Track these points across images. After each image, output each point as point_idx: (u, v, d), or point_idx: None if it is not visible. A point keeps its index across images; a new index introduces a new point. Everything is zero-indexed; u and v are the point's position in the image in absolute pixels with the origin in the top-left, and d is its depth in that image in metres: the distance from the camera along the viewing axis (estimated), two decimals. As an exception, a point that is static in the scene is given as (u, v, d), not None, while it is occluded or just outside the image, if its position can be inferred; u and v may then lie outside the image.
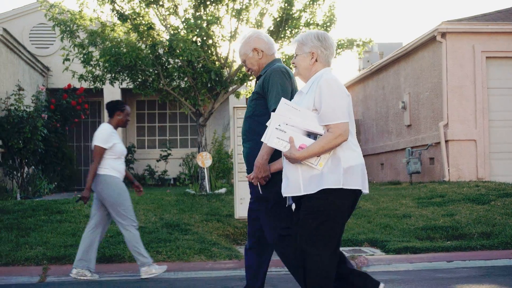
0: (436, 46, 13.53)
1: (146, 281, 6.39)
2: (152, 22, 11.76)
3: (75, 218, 9.02)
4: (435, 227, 8.61)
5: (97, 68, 11.70)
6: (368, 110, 18.22)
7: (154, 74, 11.77)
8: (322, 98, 3.68)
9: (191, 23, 10.86)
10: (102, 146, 6.44)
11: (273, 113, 3.77)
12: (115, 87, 13.54)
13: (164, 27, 12.00)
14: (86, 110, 16.12)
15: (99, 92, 14.37)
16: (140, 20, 11.68)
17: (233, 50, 11.78)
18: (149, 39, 11.59)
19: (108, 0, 11.54)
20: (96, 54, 11.64)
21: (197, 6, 11.61)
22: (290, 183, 3.75)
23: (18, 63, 14.27)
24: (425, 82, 14.18)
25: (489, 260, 7.19)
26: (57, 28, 11.72)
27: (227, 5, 11.60)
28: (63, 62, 11.49)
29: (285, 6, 11.46)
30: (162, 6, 11.84)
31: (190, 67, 11.46)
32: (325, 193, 3.65)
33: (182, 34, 10.94)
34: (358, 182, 3.72)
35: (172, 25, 11.90)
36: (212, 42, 11.51)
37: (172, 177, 17.26)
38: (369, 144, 17.85)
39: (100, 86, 12.15)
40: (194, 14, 11.53)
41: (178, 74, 11.87)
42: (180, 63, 11.54)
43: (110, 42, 11.39)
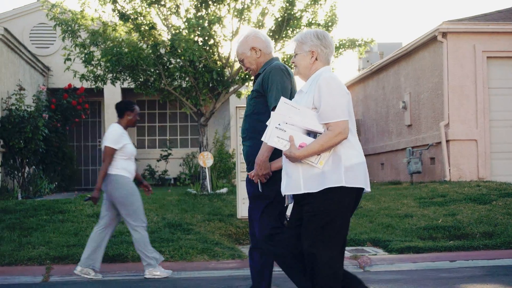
0: (436, 46, 13.53)
1: (149, 281, 6.38)
2: (153, 22, 11.77)
3: (77, 218, 9.02)
4: (437, 227, 8.62)
5: (98, 67, 11.71)
6: (368, 110, 18.22)
7: (155, 74, 11.77)
8: (321, 96, 3.66)
9: (193, 23, 10.86)
10: (112, 146, 6.43)
11: (273, 112, 3.76)
12: (116, 87, 13.55)
13: (165, 27, 12.00)
14: (86, 110, 16.08)
15: (100, 92, 14.36)
16: (141, 20, 11.69)
17: (234, 50, 11.77)
18: (150, 39, 11.60)
19: (109, 0, 11.54)
20: (97, 54, 11.65)
21: (198, 5, 11.61)
22: (291, 182, 3.73)
23: (19, 63, 14.25)
24: (425, 82, 14.18)
25: (492, 259, 7.21)
26: (58, 28, 11.72)
27: (229, 5, 11.60)
28: (65, 62, 11.49)
29: (286, 6, 11.46)
30: (163, 6, 11.84)
31: (192, 67, 11.46)
32: (327, 192, 3.63)
33: (183, 34, 10.93)
34: (360, 180, 3.69)
35: (173, 25, 11.90)
36: (213, 42, 11.51)
37: (172, 177, 17.24)
38: (369, 144, 17.85)
39: (101, 86, 12.16)
40: (196, 14, 11.53)
41: (179, 74, 11.87)
42: (181, 63, 11.53)
43: (111, 42, 11.39)
